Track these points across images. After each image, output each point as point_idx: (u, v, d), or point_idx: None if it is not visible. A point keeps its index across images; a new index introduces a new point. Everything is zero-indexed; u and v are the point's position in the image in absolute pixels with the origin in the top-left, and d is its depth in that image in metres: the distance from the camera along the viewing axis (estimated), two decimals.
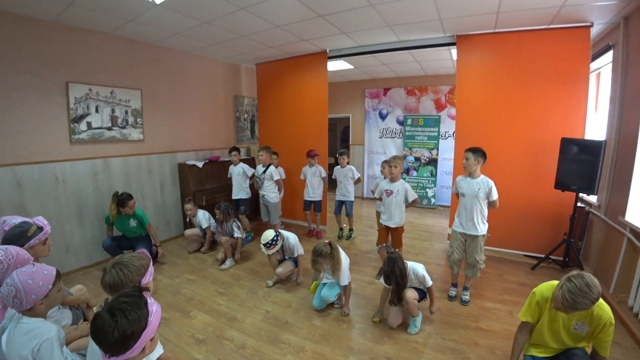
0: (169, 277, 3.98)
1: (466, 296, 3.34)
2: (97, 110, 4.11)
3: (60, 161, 3.81)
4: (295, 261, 3.81)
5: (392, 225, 3.68)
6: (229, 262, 4.26)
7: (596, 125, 4.30)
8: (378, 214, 4.57)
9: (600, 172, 3.32)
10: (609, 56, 3.85)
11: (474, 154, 3.09)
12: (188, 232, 4.77)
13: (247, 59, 5.85)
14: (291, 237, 3.76)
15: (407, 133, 7.28)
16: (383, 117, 7.66)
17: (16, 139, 3.46)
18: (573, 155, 3.47)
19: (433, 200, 7.13)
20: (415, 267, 2.91)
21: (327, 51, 5.17)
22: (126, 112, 4.43)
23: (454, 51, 4.64)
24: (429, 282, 2.89)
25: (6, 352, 1.45)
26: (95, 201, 4.20)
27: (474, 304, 3.27)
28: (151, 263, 1.63)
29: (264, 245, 3.48)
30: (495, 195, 3.09)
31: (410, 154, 7.24)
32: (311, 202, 5.14)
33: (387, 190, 3.72)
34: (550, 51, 3.82)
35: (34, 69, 3.53)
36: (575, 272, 1.77)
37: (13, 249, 1.72)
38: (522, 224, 4.13)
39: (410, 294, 2.81)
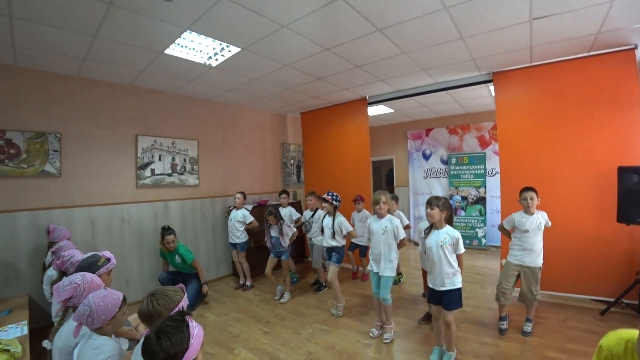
0: (217, 314, 4.12)
1: (528, 327, 3.28)
2: (160, 159, 4.64)
3: (127, 203, 4.32)
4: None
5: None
6: (286, 296, 4.46)
7: None
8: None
9: None
10: None
11: (536, 192, 3.20)
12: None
13: (293, 108, 6.32)
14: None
15: (452, 172, 7.16)
16: (426, 157, 7.65)
17: (95, 183, 4.04)
18: (634, 185, 3.22)
19: (484, 241, 6.75)
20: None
21: (367, 97, 5.46)
22: (184, 160, 4.94)
23: (492, 88, 4.67)
24: (461, 249, 2.80)
25: None
26: (154, 240, 4.57)
27: (532, 352, 2.95)
28: (185, 297, 1.73)
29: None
30: (549, 222, 3.28)
31: (457, 193, 7.04)
32: (357, 245, 5.12)
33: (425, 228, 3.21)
34: (594, 78, 3.70)
35: (112, 124, 4.19)
36: None
37: (89, 275, 1.96)
38: (586, 264, 3.76)
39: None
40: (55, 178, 3.73)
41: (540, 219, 3.21)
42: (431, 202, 2.77)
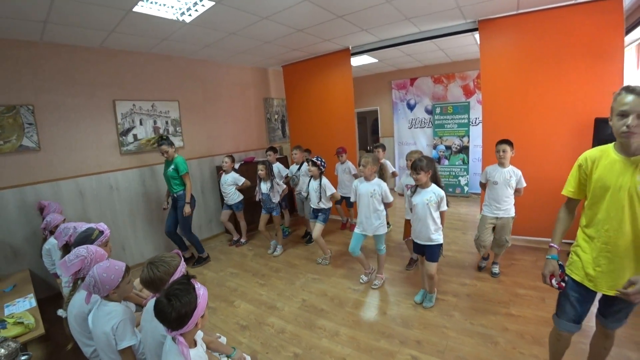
0: (214, 271, 4.34)
1: (496, 269, 3.62)
2: (141, 123, 4.53)
3: (113, 171, 4.29)
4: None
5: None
6: (279, 250, 4.69)
7: None
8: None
9: None
10: None
11: (511, 145, 3.33)
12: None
13: (274, 62, 6.10)
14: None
15: (436, 122, 7.21)
16: (411, 107, 7.64)
17: (78, 154, 3.96)
18: (609, 136, 3.29)
19: (466, 189, 7.03)
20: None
21: (350, 48, 5.29)
22: (167, 122, 4.83)
23: (477, 36, 4.57)
24: (444, 207, 2.98)
25: (92, 329, 1.79)
26: (145, 205, 4.64)
27: (505, 290, 3.28)
28: (182, 261, 1.89)
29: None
30: (524, 183, 3.37)
31: (441, 143, 7.17)
32: (342, 197, 5.26)
33: (407, 184, 3.53)
34: (579, 27, 3.65)
35: (87, 91, 4.01)
36: None
37: (92, 247, 2.04)
38: (557, 210, 4.01)
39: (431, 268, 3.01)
40: (35, 152, 3.63)
41: (511, 173, 3.34)
42: (416, 167, 2.89)
